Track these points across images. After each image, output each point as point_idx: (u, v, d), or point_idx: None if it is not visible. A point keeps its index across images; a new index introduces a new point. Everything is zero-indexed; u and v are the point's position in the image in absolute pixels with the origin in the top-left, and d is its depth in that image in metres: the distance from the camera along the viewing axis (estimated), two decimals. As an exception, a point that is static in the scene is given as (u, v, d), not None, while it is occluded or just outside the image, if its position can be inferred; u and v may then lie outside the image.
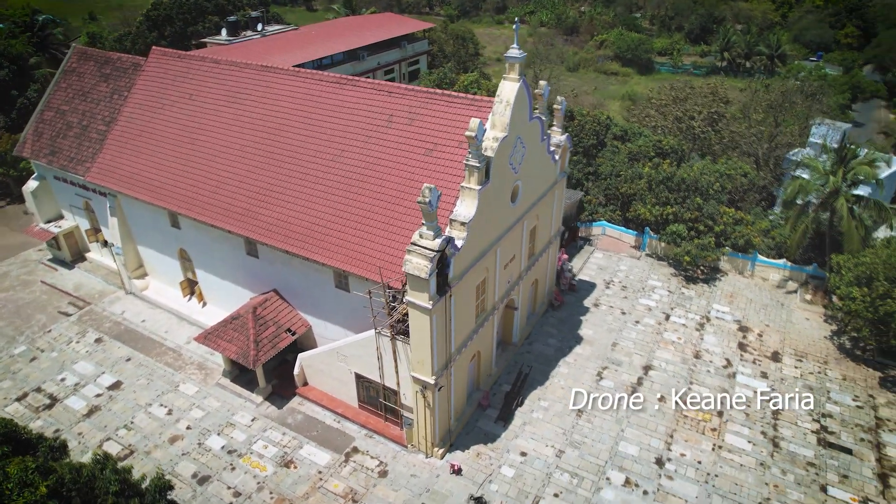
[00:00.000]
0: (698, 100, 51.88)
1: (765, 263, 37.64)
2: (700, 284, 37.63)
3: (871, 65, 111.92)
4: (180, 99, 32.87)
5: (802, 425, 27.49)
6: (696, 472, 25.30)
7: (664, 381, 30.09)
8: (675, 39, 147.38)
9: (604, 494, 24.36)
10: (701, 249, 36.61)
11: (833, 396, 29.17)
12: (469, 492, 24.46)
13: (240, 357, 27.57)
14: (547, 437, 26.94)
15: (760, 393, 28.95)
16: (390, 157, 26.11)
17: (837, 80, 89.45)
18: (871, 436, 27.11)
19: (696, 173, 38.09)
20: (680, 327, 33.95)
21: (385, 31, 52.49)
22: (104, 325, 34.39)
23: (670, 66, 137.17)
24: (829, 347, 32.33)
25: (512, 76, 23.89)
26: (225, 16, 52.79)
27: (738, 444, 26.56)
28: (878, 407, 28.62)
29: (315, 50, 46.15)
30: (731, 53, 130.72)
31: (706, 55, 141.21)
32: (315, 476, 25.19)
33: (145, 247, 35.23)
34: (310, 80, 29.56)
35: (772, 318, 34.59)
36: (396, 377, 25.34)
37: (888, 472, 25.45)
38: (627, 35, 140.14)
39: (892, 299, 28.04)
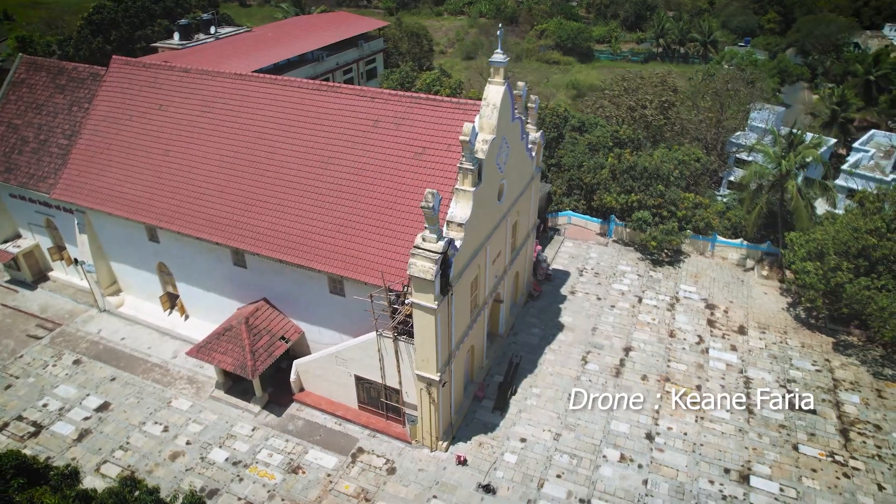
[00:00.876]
0: (649, 89, 54.20)
1: (723, 243, 40.22)
2: (666, 267, 39.84)
3: (793, 48, 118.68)
4: (149, 110, 32.13)
5: (772, 392, 29.86)
6: (683, 443, 27.21)
7: (644, 361, 31.95)
8: (612, 27, 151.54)
9: (602, 471, 25.90)
10: (666, 234, 38.74)
11: (795, 363, 31.77)
12: (476, 480, 25.51)
13: (237, 368, 27.56)
14: (543, 423, 28.27)
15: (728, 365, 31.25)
16: (379, 162, 26.60)
17: (766, 64, 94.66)
18: (831, 396, 29.78)
19: (657, 161, 40.14)
20: (652, 309, 35.96)
21: (342, 31, 52.25)
22: (80, 345, 33.41)
23: (609, 54, 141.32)
24: (787, 318, 35.04)
25: (497, 80, 24.79)
26: (174, 19, 51.14)
27: (717, 415, 28.66)
28: (834, 370, 31.38)
29: (276, 52, 45.61)
30: (667, 40, 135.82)
31: (642, 42, 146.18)
32: (324, 479, 25.64)
33: (119, 263, 34.34)
34: (289, 87, 29.56)
35: (734, 294, 37.11)
36: (399, 376, 26.03)
37: (848, 427, 28.09)
38: (567, 24, 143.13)
39: (842, 271, 30.72)
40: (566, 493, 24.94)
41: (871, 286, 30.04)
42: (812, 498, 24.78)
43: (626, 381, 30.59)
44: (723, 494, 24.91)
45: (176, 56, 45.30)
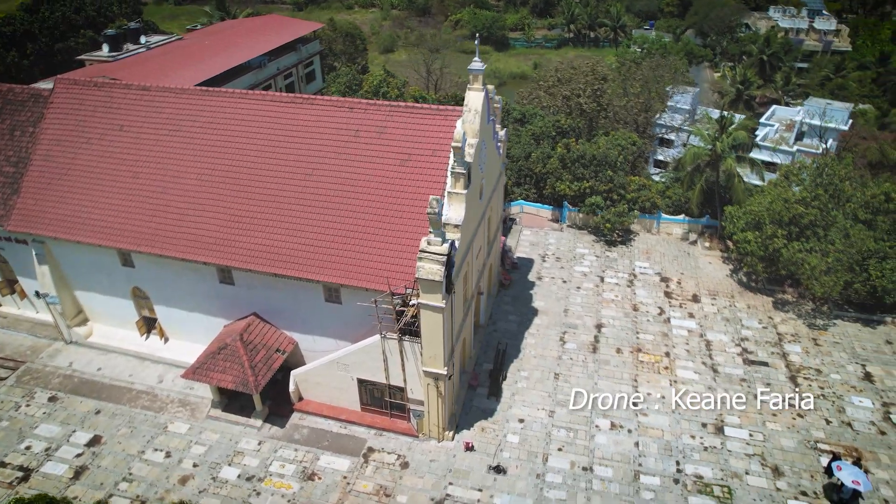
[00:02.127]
0: (581, 79, 57.23)
1: (668, 220, 43.81)
2: (619, 246, 42.92)
3: (692, 30, 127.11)
4: (108, 131, 31.09)
5: (730, 351, 33.40)
6: (662, 406, 30.08)
7: (616, 335, 34.70)
8: (523, 14, 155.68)
9: (598, 440, 28.29)
10: (618, 216, 41.74)
11: (744, 323, 35.56)
12: (486, 463, 27.19)
13: (238, 385, 27.68)
14: (536, 402, 30.32)
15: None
16: (365, 171, 27.40)
17: (673, 47, 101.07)
18: (778, 348, 33.69)
19: (603, 149, 42.97)
20: (614, 286, 38.85)
21: (279, 35, 51.53)
22: (52, 381, 32.08)
23: (524, 41, 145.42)
24: (732, 284, 38.94)
25: (476, 86, 26.20)
26: (98, 29, 48.31)
27: (687, 376, 31.79)
28: (777, 325, 35.41)
29: (219, 61, 44.55)
30: (577, 25, 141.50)
31: (554, 28, 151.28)
32: (341, 482, 26.46)
33: (86, 291, 33.10)
34: (262, 102, 29.60)
35: (684, 266, 40.68)
36: (403, 375, 27.16)
37: (795, 374, 32.01)
38: (481, 13, 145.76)
39: (778, 238, 34.65)
40: (569, 464, 27.12)
41: (802, 249, 34.09)
42: (776, 439, 28.28)
43: (604, 356, 33.19)
44: (704, 446, 27.94)
45: (107, 69, 43.32)
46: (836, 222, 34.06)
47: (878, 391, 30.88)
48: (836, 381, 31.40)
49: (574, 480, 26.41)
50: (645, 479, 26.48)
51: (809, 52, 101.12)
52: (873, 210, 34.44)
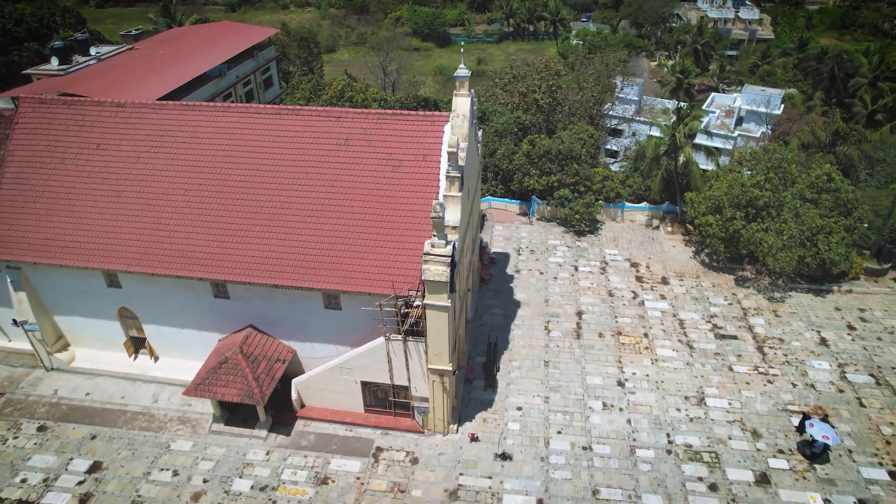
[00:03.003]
0: (535, 76, 59.06)
1: (631, 208, 46.20)
2: (588, 236, 44.99)
3: (627, 20, 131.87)
4: (84, 150, 30.39)
5: (702, 328, 35.89)
6: (648, 383, 32.16)
7: (596, 321, 36.63)
8: (461, 10, 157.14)
9: (593, 420, 30.05)
10: (586, 207, 43.74)
11: (711, 301, 38.19)
12: (492, 451, 28.48)
13: (244, 398, 27.86)
14: (531, 390, 31.82)
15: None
16: (358, 178, 28.02)
17: (614, 39, 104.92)
18: (744, 322, 36.44)
19: (567, 143, 44.86)
20: (588, 275, 40.83)
21: (236, 42, 50.71)
22: (38, 410, 31.21)
23: (465, 37, 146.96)
24: (696, 265, 41.62)
25: (462, 92, 27.28)
26: (43, 41, 46.12)
27: (666, 354, 34.03)
28: (741, 300, 38.23)
29: (179, 72, 43.62)
30: (516, 19, 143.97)
31: (493, 22, 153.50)
32: (356, 483, 27.16)
33: (67, 316, 32.24)
34: (245, 114, 29.65)
35: (650, 251, 43.11)
36: (408, 374, 28.05)
37: (761, 345, 34.79)
38: (421, 10, 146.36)
39: (737, 220, 37.37)
40: (570, 445, 28.76)
41: (759, 229, 36.91)
42: (752, 405, 30.83)
43: (587, 341, 35.04)
44: (689, 417, 30.15)
45: (59, 84, 41.78)
46: (787, 203, 37.04)
47: (834, 354, 34.00)
48: (797, 347, 34.35)
49: (576, 460, 28.06)
50: (640, 452, 28.41)
51: (737, 41, 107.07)
52: (818, 189, 37.65)
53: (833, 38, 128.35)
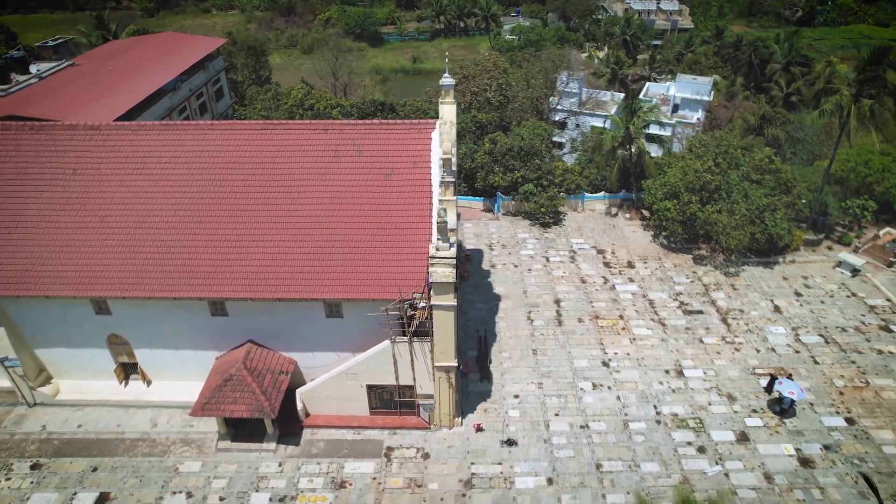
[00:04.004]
0: (485, 75, 60.85)
1: (590, 198, 48.79)
2: (554, 227, 47.22)
3: (553, 14, 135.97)
4: (60, 176, 29.54)
5: (670, 306, 38.73)
6: (630, 361, 34.56)
7: (574, 307, 38.80)
8: (391, 9, 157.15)
9: (586, 400, 32.12)
10: (550, 200, 45.91)
11: (675, 280, 41.18)
12: (498, 439, 30.02)
13: (254, 412, 28.10)
14: (524, 378, 33.56)
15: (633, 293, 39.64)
16: (351, 188, 28.74)
17: (547, 33, 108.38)
18: (707, 297, 39.59)
19: (528, 140, 46.83)
20: (560, 264, 43.01)
21: (186, 54, 49.55)
22: (28, 448, 30.17)
23: (397, 35, 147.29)
24: (656, 248, 44.60)
25: (448, 100, 28.51)
26: (-27, 61, 43.36)
27: (642, 333, 36.59)
28: (701, 278, 41.42)
29: (135, 88, 42.38)
30: (447, 16, 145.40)
31: (423, 20, 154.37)
32: (372, 483, 28.04)
33: (50, 347, 31.24)
34: (230, 131, 29.69)
35: (613, 238, 45.79)
36: (413, 374, 29.12)
37: (725, 317, 37.97)
38: (351, 10, 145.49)
39: (693, 204, 40.43)
40: (569, 425, 30.70)
41: (713, 211, 40.11)
42: (724, 371, 33.79)
43: (569, 327, 37.14)
44: (671, 389, 32.74)
45: (2, 106, 40.03)
46: (735, 185, 40.41)
47: (787, 319, 37.60)
48: (756, 316, 37.73)
49: (576, 438, 30.02)
50: (633, 425, 30.69)
51: (661, 31, 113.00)
52: (761, 171, 41.25)
53: (742, 25, 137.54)
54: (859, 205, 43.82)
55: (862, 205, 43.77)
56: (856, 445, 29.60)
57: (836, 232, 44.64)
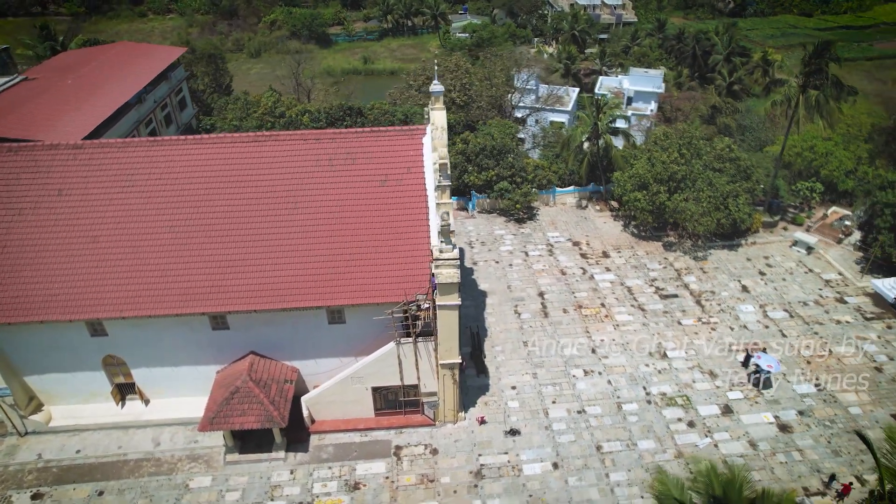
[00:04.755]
0: (448, 76, 61.78)
1: (561, 192, 50.55)
2: (528, 222, 48.76)
3: (501, 10, 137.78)
4: (45, 198, 28.87)
5: (647, 291, 40.82)
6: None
7: (557, 299, 40.39)
8: (337, 9, 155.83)
9: (580, 386, 33.70)
10: (524, 196, 47.39)
11: (649, 266, 43.35)
12: (501, 430, 31.24)
13: (264, 423, 28.34)
14: (519, 370, 34.88)
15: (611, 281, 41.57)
16: (348, 196, 29.27)
17: (498, 30, 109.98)
18: (681, 281, 41.89)
19: (499, 139, 48.12)
20: (539, 258, 44.56)
21: (149, 64, 48.43)
22: (26, 478, 29.44)
23: (346, 36, 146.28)
24: (627, 237, 46.74)
25: (438, 105, 29.34)
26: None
27: (624, 319, 38.50)
28: (672, 263, 43.75)
29: (102, 102, 41.18)
30: (394, 15, 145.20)
31: (370, 19, 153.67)
32: (386, 482, 28.77)
33: (42, 374, 30.49)
34: (220, 145, 29.66)
35: (586, 229, 47.69)
36: (417, 373, 29.96)
37: (698, 298, 40.34)
38: (297, 12, 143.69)
39: (661, 194, 42.64)
40: (566, 412, 32.20)
41: (681, 199, 42.42)
42: (704, 350, 36.03)
43: (555, 318, 38.69)
44: (657, 370, 34.72)
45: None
46: (700, 174, 42.85)
47: (754, 297, 40.28)
48: (727, 297, 40.25)
49: (575, 423, 31.55)
50: (626, 406, 32.46)
51: (607, 25, 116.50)
52: (722, 160, 43.84)
53: (680, 17, 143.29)
54: (808, 187, 47.10)
55: (810, 187, 47.06)
56: (826, 409, 32.26)
57: (789, 213, 47.87)
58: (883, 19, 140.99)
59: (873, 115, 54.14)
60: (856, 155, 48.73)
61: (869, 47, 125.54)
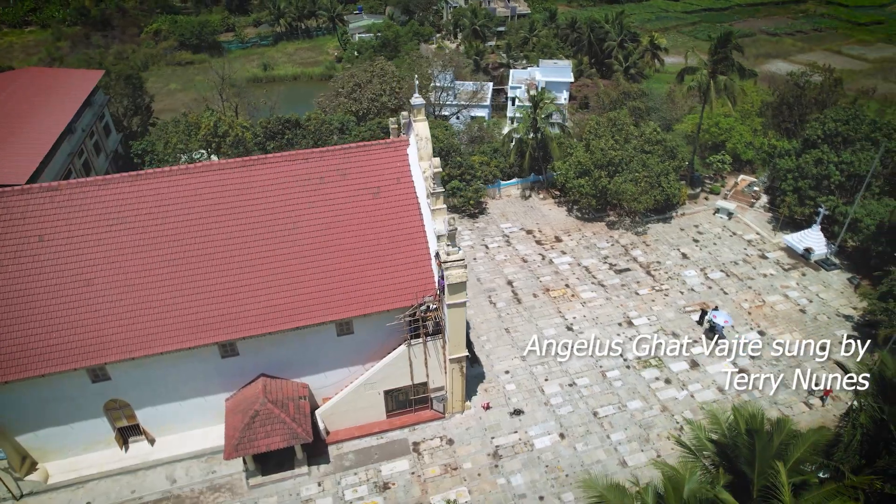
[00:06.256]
0: (376, 81, 62.83)
1: (506, 185, 53.60)
2: (480, 217, 51.37)
3: (396, 8, 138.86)
4: (24, 245, 27.43)
5: (602, 268, 44.78)
6: (588, 322, 39.92)
7: (525, 284, 43.35)
8: (224, 15, 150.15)
9: (568, 363, 36.81)
10: (475, 192, 49.90)
11: (598, 246, 47.40)
12: (506, 412, 33.71)
13: (290, 440, 28.91)
14: (507, 355, 37.47)
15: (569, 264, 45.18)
16: (343, 210, 30.23)
17: (401, 29, 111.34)
18: (629, 255, 46.27)
19: (445, 140, 50.19)
20: (499, 249, 47.31)
21: (71, 91, 45.50)
22: (35, 539, 28.22)
23: (239, 43, 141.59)
24: (573, 221, 50.61)
25: (420, 117, 30.92)
26: None
27: (589, 296, 42.16)
28: (619, 240, 48.09)
29: (35, 137, 38.52)
30: (287, 19, 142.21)
31: (260, 24, 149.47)
32: (413, 478, 30.35)
33: (35, 431, 29.03)
34: (208, 173, 29.47)
35: (535, 218, 51.03)
36: (426, 371, 31.68)
37: (647, 269, 44.83)
38: (183, 20, 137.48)
39: (603, 178, 46.73)
40: (559, 387, 35.23)
41: (621, 181, 46.71)
42: (663, 314, 40.41)
43: (528, 303, 41.63)
44: (628, 337, 38.59)
45: None
46: (634, 157, 47.36)
47: (694, 262, 45.42)
48: (671, 265, 45.08)
49: (570, 396, 34.64)
50: (609, 374, 36.00)
51: (503, 18, 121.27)
52: (651, 142, 48.64)
53: (563, 5, 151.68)
54: (719, 159, 53.25)
55: (721, 159, 53.24)
56: (770, 351, 37.53)
57: (706, 185, 53.87)
58: (737, 1, 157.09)
59: (760, 92, 61.70)
60: (751, 128, 55.57)
61: (729, 27, 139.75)
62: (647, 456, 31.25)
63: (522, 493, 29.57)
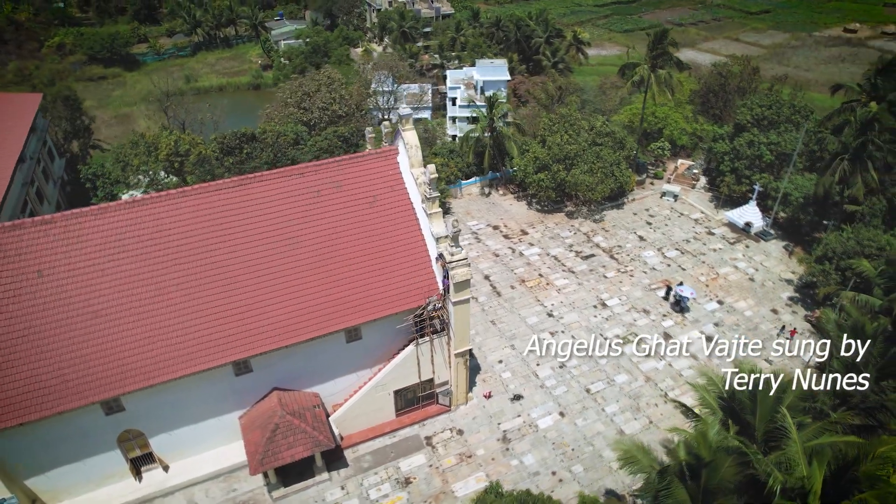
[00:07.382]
0: (324, 89, 63.07)
1: (466, 184, 55.61)
2: (447, 216, 52.98)
3: (318, 13, 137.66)
4: (22, 282, 26.60)
5: (569, 256, 47.71)
6: (566, 307, 42.62)
7: (501, 278, 45.58)
8: (133, 25, 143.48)
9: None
10: (442, 193, 51.54)
11: (562, 235, 50.34)
12: (507, 398, 35.78)
13: (314, 448, 29.62)
14: (498, 346, 39.54)
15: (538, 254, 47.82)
16: (342, 221, 31.12)
17: (331, 35, 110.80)
18: (592, 242, 49.47)
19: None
20: (470, 246, 49.26)
21: (14, 117, 43.16)
22: (55, 582, 27.54)
23: (154, 55, 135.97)
24: (534, 213, 53.33)
25: (408, 126, 32.21)
26: None
27: (563, 283, 44.93)
28: (580, 228, 51.23)
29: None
30: (205, 28, 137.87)
31: (174, 34, 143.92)
32: (431, 470, 31.83)
33: (45, 472, 28.24)
34: (206, 194, 29.49)
35: (499, 213, 53.36)
36: (432, 367, 33.19)
37: (610, 253, 48.20)
38: (88, 32, 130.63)
39: (561, 171, 49.66)
40: (551, 369, 37.68)
41: (578, 173, 49.81)
42: (632, 293, 43.76)
43: (507, 295, 43.87)
44: (604, 318, 41.62)
45: None
46: (588, 149, 50.58)
47: (651, 244, 49.23)
48: (631, 248, 48.65)
49: (562, 377, 37.15)
50: (593, 353, 38.72)
51: (429, 19, 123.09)
52: (602, 135, 52.04)
53: (482, 4, 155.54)
54: (659, 146, 57.61)
55: (660, 146, 57.61)
56: (729, 317, 41.64)
57: (650, 170, 58.12)
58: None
59: (687, 81, 66.86)
60: (684, 115, 60.41)
61: (639, 19, 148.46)
62: (640, 423, 34.24)
63: (536, 471, 31.73)
